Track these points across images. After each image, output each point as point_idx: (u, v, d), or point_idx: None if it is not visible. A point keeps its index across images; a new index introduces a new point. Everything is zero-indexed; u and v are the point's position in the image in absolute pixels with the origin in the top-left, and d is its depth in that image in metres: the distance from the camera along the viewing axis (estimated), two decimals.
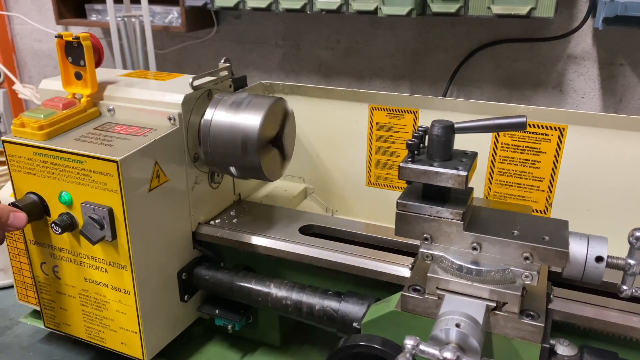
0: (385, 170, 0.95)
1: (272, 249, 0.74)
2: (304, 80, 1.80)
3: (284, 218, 0.81)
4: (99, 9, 1.86)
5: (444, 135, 0.55)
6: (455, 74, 1.57)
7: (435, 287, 0.56)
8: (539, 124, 0.80)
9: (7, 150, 0.71)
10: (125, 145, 0.67)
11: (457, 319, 0.51)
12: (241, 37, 1.84)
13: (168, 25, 1.73)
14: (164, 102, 0.73)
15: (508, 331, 0.54)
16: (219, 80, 0.80)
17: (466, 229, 0.55)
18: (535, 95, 1.54)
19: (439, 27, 1.57)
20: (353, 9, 1.36)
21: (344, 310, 0.68)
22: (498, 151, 0.84)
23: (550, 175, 0.83)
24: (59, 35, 0.73)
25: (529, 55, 1.50)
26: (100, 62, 0.76)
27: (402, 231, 0.58)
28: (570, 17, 1.42)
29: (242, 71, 1.82)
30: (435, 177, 0.54)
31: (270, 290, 0.73)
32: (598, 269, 0.53)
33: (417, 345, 0.48)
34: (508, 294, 0.53)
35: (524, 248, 0.53)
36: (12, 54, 2.28)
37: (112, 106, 0.76)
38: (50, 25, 2.00)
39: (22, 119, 0.70)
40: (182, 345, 0.82)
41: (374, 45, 1.67)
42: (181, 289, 0.77)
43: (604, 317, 0.59)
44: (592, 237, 0.54)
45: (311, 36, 1.74)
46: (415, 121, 0.90)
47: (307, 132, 0.99)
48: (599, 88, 1.47)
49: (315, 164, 1.01)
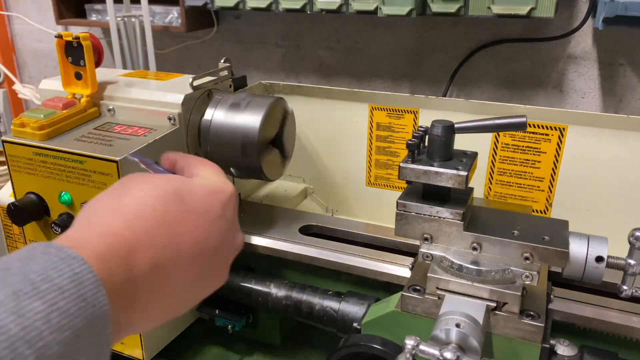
0: (385, 170, 0.95)
1: (272, 249, 0.74)
2: (304, 80, 1.79)
3: (284, 218, 0.81)
4: (99, 9, 1.86)
5: (444, 135, 0.55)
6: (455, 74, 1.57)
7: (436, 287, 0.56)
8: (539, 124, 0.80)
9: (7, 150, 0.71)
10: (125, 145, 0.67)
11: (457, 319, 0.51)
12: (241, 37, 1.84)
13: (168, 25, 1.73)
14: (164, 102, 0.73)
15: (508, 331, 0.54)
16: (219, 80, 0.80)
17: (466, 229, 0.55)
18: (535, 95, 1.54)
19: (439, 27, 1.57)
20: (353, 9, 1.36)
21: (344, 310, 0.68)
22: (498, 151, 0.84)
23: (550, 175, 0.83)
24: (59, 35, 0.73)
25: (529, 55, 1.50)
26: (100, 62, 0.76)
27: (402, 231, 0.58)
28: (571, 17, 1.42)
29: (242, 71, 1.82)
30: (435, 177, 0.54)
31: (270, 290, 0.73)
32: (598, 269, 0.53)
33: (417, 346, 0.48)
34: (508, 294, 0.53)
35: (524, 248, 0.53)
36: (12, 54, 2.28)
37: (112, 106, 0.76)
38: (50, 25, 2.00)
39: (22, 119, 0.70)
40: (182, 345, 0.82)
41: (374, 45, 1.67)
42: None
43: (604, 317, 0.59)
44: (592, 237, 0.54)
45: (311, 36, 1.74)
46: (415, 121, 0.90)
47: (307, 132, 0.99)
48: (599, 88, 1.47)
49: (315, 164, 1.01)
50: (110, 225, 0.36)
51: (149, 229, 0.37)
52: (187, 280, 0.40)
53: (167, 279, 0.38)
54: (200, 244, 0.41)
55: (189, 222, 0.40)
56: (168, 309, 0.40)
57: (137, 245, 0.36)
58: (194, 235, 0.40)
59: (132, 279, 0.35)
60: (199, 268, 0.41)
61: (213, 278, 0.44)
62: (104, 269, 0.32)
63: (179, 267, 0.39)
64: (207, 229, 0.42)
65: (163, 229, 0.38)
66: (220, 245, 0.43)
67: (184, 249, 0.39)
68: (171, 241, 0.39)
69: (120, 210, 0.38)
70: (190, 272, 0.40)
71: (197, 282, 0.42)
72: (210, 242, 0.42)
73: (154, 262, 0.37)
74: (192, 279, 0.41)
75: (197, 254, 0.40)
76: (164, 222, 0.39)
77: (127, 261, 0.35)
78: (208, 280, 0.43)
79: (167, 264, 0.38)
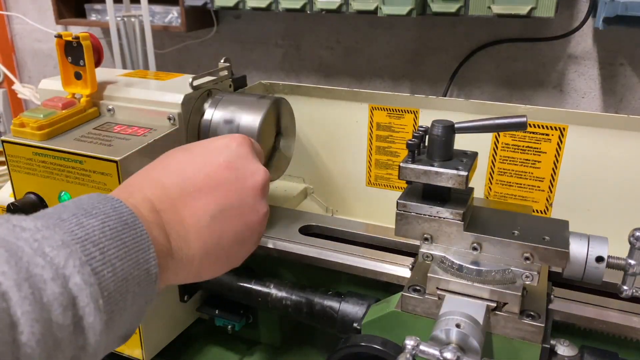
0: (385, 170, 0.95)
1: (272, 249, 0.74)
2: (304, 80, 1.79)
3: (284, 218, 0.81)
4: (98, 8, 1.86)
5: (444, 135, 0.55)
6: (455, 74, 1.57)
7: (436, 288, 0.56)
8: (539, 123, 0.80)
9: (7, 150, 0.71)
10: (125, 145, 0.67)
11: (457, 319, 0.51)
12: (241, 37, 1.84)
13: (168, 25, 1.73)
14: (164, 102, 0.73)
15: (508, 331, 0.54)
16: (218, 80, 0.80)
17: (466, 229, 0.55)
18: (535, 95, 1.54)
19: (439, 27, 1.57)
20: (353, 8, 1.36)
21: (344, 310, 0.68)
22: (498, 151, 0.84)
23: (550, 175, 0.83)
24: (59, 35, 0.73)
25: (529, 55, 1.50)
26: (100, 62, 0.76)
27: (402, 231, 0.57)
28: (571, 17, 1.42)
29: (242, 71, 1.82)
30: (435, 177, 0.54)
31: (270, 290, 0.73)
32: (598, 269, 0.53)
33: (418, 346, 0.48)
34: (508, 294, 0.53)
35: (524, 248, 0.53)
36: (11, 53, 2.28)
37: (111, 106, 0.75)
38: (50, 25, 2.00)
39: (21, 118, 0.70)
40: (182, 345, 0.82)
41: (374, 45, 1.67)
42: (181, 289, 0.77)
43: (605, 317, 0.58)
44: (592, 237, 0.54)
45: (311, 36, 1.74)
46: (415, 121, 0.90)
47: (307, 132, 0.99)
48: (599, 88, 1.47)
49: (315, 164, 1.01)
50: (132, 183, 0.47)
51: (162, 169, 0.48)
52: (210, 208, 0.46)
53: (189, 206, 0.45)
54: (212, 177, 0.48)
55: (195, 161, 0.48)
56: (204, 240, 0.46)
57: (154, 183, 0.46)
58: (205, 170, 0.48)
59: (157, 210, 0.44)
60: (218, 198, 0.47)
61: (240, 216, 0.49)
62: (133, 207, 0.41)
63: (195, 194, 0.46)
64: (215, 163, 0.49)
65: (172, 167, 0.48)
66: (236, 176, 0.49)
67: (196, 179, 0.47)
68: (181, 175, 0.47)
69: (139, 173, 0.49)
70: (211, 200, 0.47)
71: (224, 214, 0.47)
72: (221, 174, 0.48)
73: (170, 192, 0.45)
74: (216, 207, 0.47)
75: (211, 182, 0.47)
76: (172, 161, 0.49)
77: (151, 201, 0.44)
78: (236, 217, 0.48)
79: (182, 193, 0.46)
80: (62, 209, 0.37)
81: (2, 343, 0.28)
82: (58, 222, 0.35)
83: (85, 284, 0.33)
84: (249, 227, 0.50)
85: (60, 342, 0.31)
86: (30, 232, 0.33)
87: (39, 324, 0.30)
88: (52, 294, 0.31)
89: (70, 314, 0.32)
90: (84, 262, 0.34)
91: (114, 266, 0.36)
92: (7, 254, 0.30)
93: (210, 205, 0.46)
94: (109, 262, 0.36)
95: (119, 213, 0.39)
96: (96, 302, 0.34)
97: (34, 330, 0.29)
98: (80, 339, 0.33)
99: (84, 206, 0.38)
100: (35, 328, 0.30)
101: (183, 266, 0.45)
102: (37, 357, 0.30)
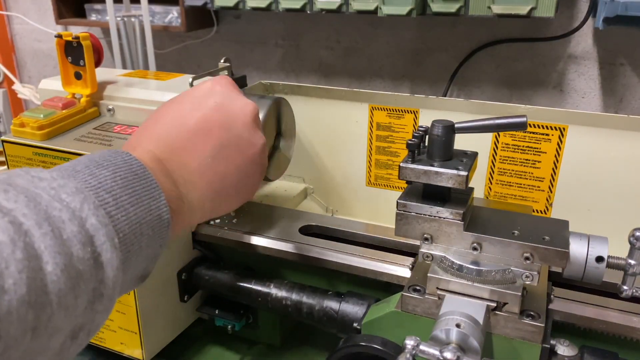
0: (385, 170, 0.95)
1: (272, 249, 0.74)
2: (304, 80, 1.79)
3: (284, 218, 0.81)
4: (98, 8, 1.86)
5: (444, 135, 0.55)
6: (455, 74, 1.57)
7: (436, 288, 0.56)
8: (539, 123, 0.80)
9: (7, 150, 0.71)
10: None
11: (457, 319, 0.51)
12: (241, 37, 1.84)
13: (168, 25, 1.73)
14: (164, 102, 0.73)
15: (508, 331, 0.54)
16: None
17: (466, 229, 0.55)
18: (535, 95, 1.54)
19: (439, 27, 1.57)
20: (353, 8, 1.36)
21: (344, 310, 0.68)
22: (498, 151, 0.84)
23: (550, 175, 0.83)
24: (59, 35, 0.73)
25: (529, 55, 1.50)
26: (100, 62, 0.76)
27: (402, 231, 0.57)
28: (571, 17, 1.42)
29: (242, 71, 1.82)
30: (435, 177, 0.54)
31: (270, 290, 0.73)
32: (598, 269, 0.53)
33: (418, 346, 0.48)
34: (508, 294, 0.53)
35: (524, 248, 0.53)
36: (11, 53, 2.28)
37: (111, 106, 0.76)
38: (50, 25, 2.00)
39: (21, 118, 0.70)
40: (182, 345, 0.82)
41: (374, 45, 1.67)
42: (181, 289, 0.77)
43: (605, 317, 0.58)
44: (592, 237, 0.54)
45: (311, 36, 1.74)
46: (415, 121, 0.90)
47: (307, 132, 0.99)
48: (599, 88, 1.47)
49: (315, 164, 1.01)
50: (131, 142, 0.49)
51: (156, 123, 0.50)
52: (208, 149, 0.49)
53: (189, 151, 0.48)
54: (205, 120, 0.50)
55: (186, 109, 0.51)
56: (210, 180, 0.49)
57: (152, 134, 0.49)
58: (197, 115, 0.50)
59: (159, 159, 0.46)
60: (214, 139, 0.50)
61: (239, 152, 0.51)
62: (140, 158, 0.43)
63: (192, 139, 0.49)
64: (204, 107, 0.51)
65: (165, 119, 0.50)
66: (227, 115, 0.51)
67: (190, 125, 0.49)
68: (175, 124, 0.49)
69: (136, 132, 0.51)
70: (208, 142, 0.49)
71: (223, 152, 0.50)
72: (212, 116, 0.51)
73: (167, 140, 0.48)
74: (214, 148, 0.49)
75: (205, 125, 0.50)
76: (164, 114, 0.51)
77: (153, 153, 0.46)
78: (235, 153, 0.51)
79: (180, 140, 0.48)
80: (76, 162, 0.40)
81: (30, 270, 0.30)
82: (72, 173, 0.38)
83: (100, 224, 0.35)
84: (250, 159, 0.52)
85: (82, 274, 0.33)
86: (47, 182, 0.35)
87: (61, 256, 0.32)
88: (71, 232, 0.33)
89: (89, 250, 0.34)
90: (97, 206, 0.36)
91: (127, 211, 0.39)
92: (26, 199, 0.33)
93: (208, 146, 0.49)
94: (122, 207, 0.38)
95: (129, 165, 0.41)
96: (112, 240, 0.36)
97: (57, 261, 0.32)
98: (100, 272, 0.35)
99: (96, 159, 0.41)
100: (58, 259, 0.32)
101: (195, 208, 0.48)
102: (63, 285, 0.32)
